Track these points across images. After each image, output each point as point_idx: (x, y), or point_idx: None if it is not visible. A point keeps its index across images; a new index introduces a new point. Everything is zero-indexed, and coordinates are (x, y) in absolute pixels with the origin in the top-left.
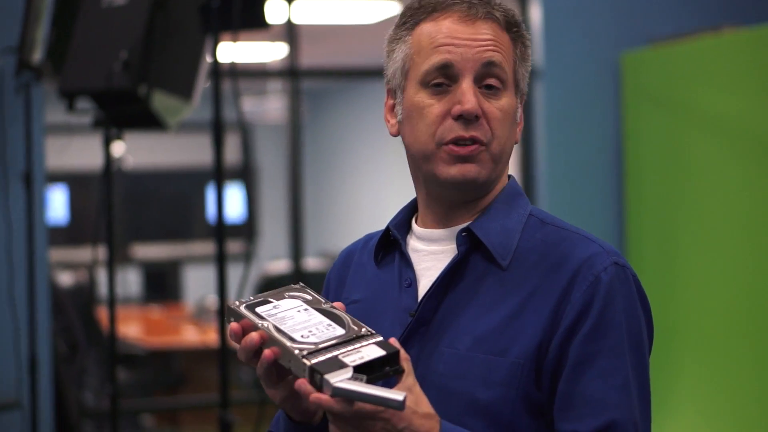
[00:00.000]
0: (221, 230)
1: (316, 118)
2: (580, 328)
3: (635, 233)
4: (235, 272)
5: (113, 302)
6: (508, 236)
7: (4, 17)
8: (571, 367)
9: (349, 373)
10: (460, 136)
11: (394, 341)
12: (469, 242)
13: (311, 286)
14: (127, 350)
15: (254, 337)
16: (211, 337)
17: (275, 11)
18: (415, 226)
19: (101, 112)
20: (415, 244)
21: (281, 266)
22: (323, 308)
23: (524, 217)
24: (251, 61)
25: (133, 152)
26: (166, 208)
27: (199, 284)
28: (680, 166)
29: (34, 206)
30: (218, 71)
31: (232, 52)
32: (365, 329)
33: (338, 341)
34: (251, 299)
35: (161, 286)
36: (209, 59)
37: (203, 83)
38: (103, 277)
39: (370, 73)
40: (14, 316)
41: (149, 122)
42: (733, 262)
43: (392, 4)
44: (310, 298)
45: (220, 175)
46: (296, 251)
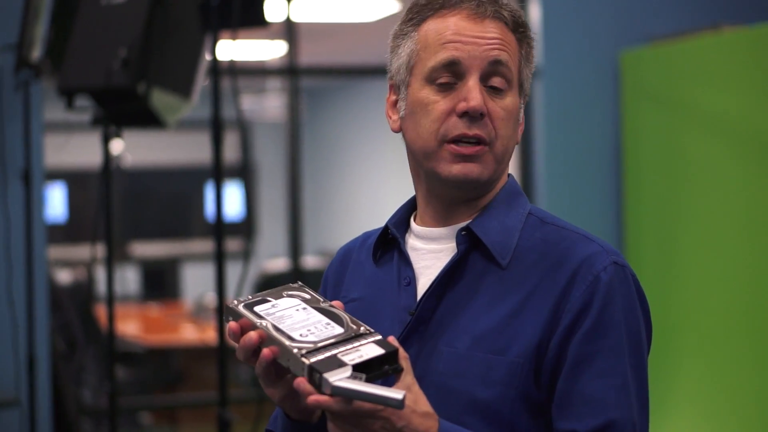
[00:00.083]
0: (220, 228)
1: (315, 116)
2: (579, 327)
3: (634, 232)
4: (233, 270)
5: (112, 300)
6: (507, 235)
7: (3, 14)
8: (570, 366)
9: (348, 371)
10: (463, 133)
11: (392, 340)
12: (468, 241)
13: (310, 284)
14: (125, 348)
15: (253, 336)
16: (209, 335)
17: (274, 9)
18: (413, 224)
19: (100, 109)
20: (413, 242)
21: (280, 264)
22: (322, 307)
23: (523, 216)
24: (250, 59)
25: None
26: (164, 206)
27: (197, 282)
28: (679, 164)
29: (32, 204)
30: (217, 69)
31: (231, 49)
32: (364, 328)
33: (337, 340)
34: (249, 298)
35: (160, 284)
36: (208, 57)
37: (202, 81)
38: (101, 274)
39: (369, 71)
40: (13, 313)
41: (148, 120)
42: (731, 261)
43: (391, 2)
44: (308, 296)
45: (219, 173)
46: (295, 249)
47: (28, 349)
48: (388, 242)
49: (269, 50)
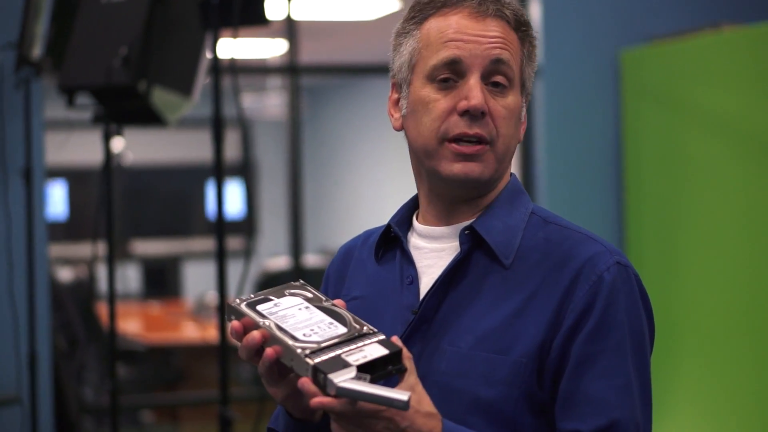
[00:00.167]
0: (221, 226)
1: (315, 114)
2: (582, 327)
3: (635, 231)
4: (234, 269)
5: (113, 298)
6: (510, 235)
7: (3, 13)
8: (573, 366)
9: (352, 372)
10: (464, 132)
11: (396, 340)
12: (471, 240)
13: (311, 282)
14: (126, 346)
15: (256, 335)
16: (210, 333)
17: (275, 7)
18: (416, 223)
19: (101, 107)
20: (416, 241)
21: (281, 263)
22: (324, 306)
23: (526, 215)
24: (251, 57)
25: (132, 148)
26: (165, 204)
27: (198, 280)
28: (680, 163)
29: (33, 202)
30: (218, 67)
31: (231, 48)
32: (367, 327)
33: (340, 340)
34: (252, 297)
35: (161, 282)
36: (209, 55)
37: (203, 79)
38: (102, 273)
39: (369, 69)
40: (14, 312)
41: (149, 118)
42: (732, 260)
43: (392, 0)
44: (311, 295)
45: (219, 171)
46: (296, 248)
47: (29, 347)
48: (390, 241)
49: (270, 48)
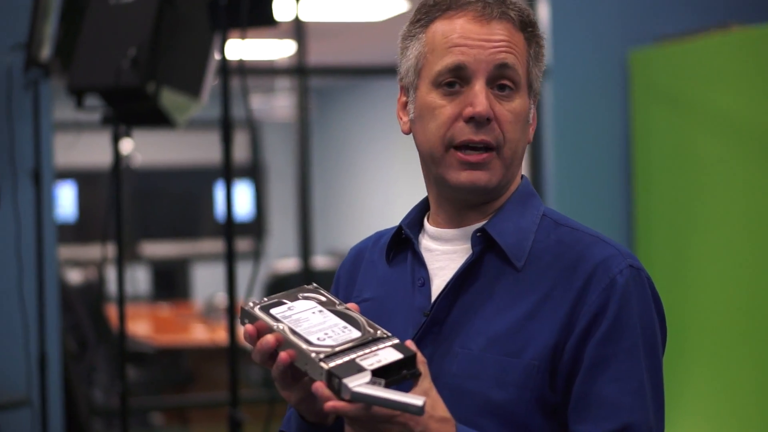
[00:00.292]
0: (230, 228)
1: (324, 115)
2: (595, 330)
3: (644, 232)
4: (243, 270)
5: (122, 300)
6: (522, 237)
7: (12, 14)
8: (586, 369)
9: (367, 377)
10: (469, 139)
11: (410, 344)
12: (483, 242)
13: (320, 284)
14: (136, 348)
15: (270, 339)
16: (220, 335)
17: (283, 8)
18: (427, 225)
19: (110, 109)
20: (427, 243)
21: (290, 264)
22: (338, 310)
23: (538, 217)
24: (259, 58)
25: (141, 149)
26: (174, 205)
27: (207, 282)
28: (688, 164)
29: (42, 203)
30: (227, 69)
31: (240, 49)
32: (381, 331)
33: (355, 344)
34: (265, 300)
35: (170, 284)
36: (217, 56)
37: (212, 81)
38: (112, 274)
39: (378, 70)
40: (23, 313)
41: (158, 119)
42: (742, 261)
43: (400, 1)
44: (324, 299)
45: (228, 172)
46: (305, 249)
47: (39, 349)
48: (401, 242)
49: (278, 50)
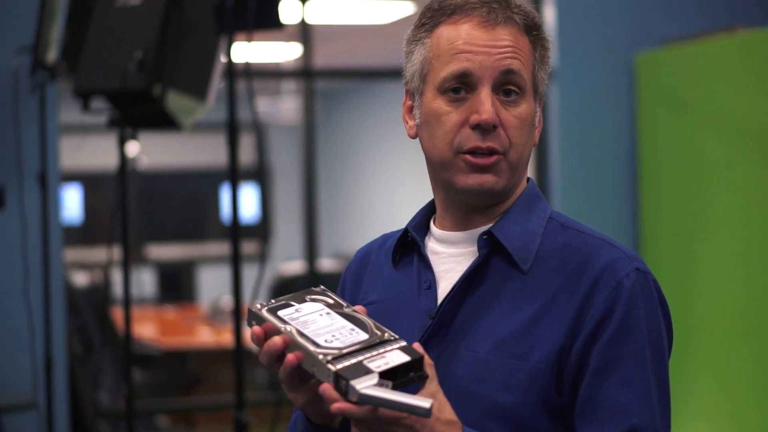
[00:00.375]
0: (236, 231)
1: (330, 118)
2: (601, 333)
3: (650, 234)
4: (249, 273)
5: (128, 302)
6: (528, 240)
7: (19, 17)
8: (592, 372)
9: (374, 379)
10: (477, 146)
11: (418, 346)
12: (490, 245)
13: (326, 287)
14: (142, 351)
15: (277, 341)
16: (225, 337)
17: (289, 11)
18: (433, 227)
19: (116, 111)
20: (434, 246)
21: (296, 267)
22: (345, 312)
23: (544, 220)
24: (265, 61)
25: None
26: (180, 208)
27: (213, 285)
28: (694, 166)
29: (48, 206)
30: (232, 71)
31: (246, 52)
32: (388, 334)
33: (362, 346)
34: (273, 302)
35: (176, 286)
36: (224, 59)
37: (217, 83)
38: (117, 277)
39: (384, 73)
40: (29, 316)
41: (164, 122)
42: (748, 263)
43: (406, 4)
44: (331, 301)
45: (234, 175)
46: (310, 252)
47: (45, 351)
48: (407, 245)
49: (284, 52)
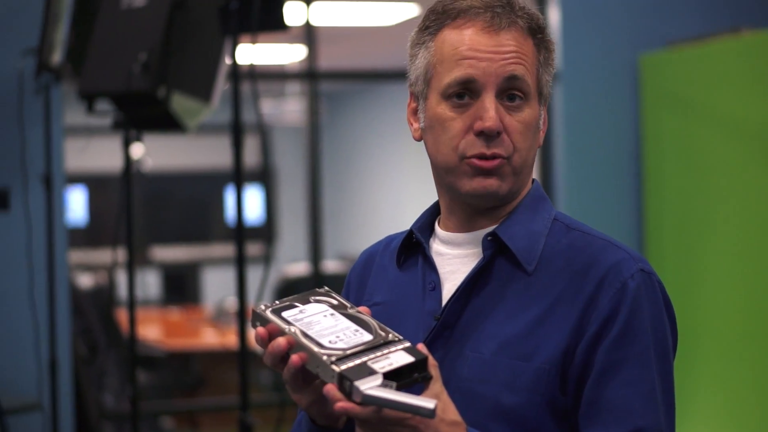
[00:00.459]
0: (241, 232)
1: (334, 120)
2: (606, 334)
3: (654, 235)
4: (254, 275)
5: (133, 304)
6: (533, 241)
7: (23, 19)
8: (597, 373)
9: (378, 380)
10: (481, 153)
11: (422, 347)
12: (494, 246)
13: (331, 288)
14: (146, 352)
15: (281, 342)
16: (230, 339)
17: (294, 13)
18: (438, 229)
19: (120, 113)
20: (438, 247)
21: (300, 269)
22: (349, 313)
23: (549, 221)
24: (270, 63)
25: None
26: (185, 210)
27: (218, 286)
28: (699, 168)
29: (53, 208)
30: (237, 73)
31: (250, 54)
32: (392, 335)
33: (366, 347)
34: (277, 303)
35: (180, 288)
36: (228, 61)
37: (222, 85)
38: (122, 278)
39: (388, 75)
40: (34, 318)
41: (168, 124)
42: (753, 264)
43: (410, 6)
44: (335, 302)
45: (239, 177)
46: (315, 253)
47: (50, 353)
48: (412, 246)
49: (289, 54)
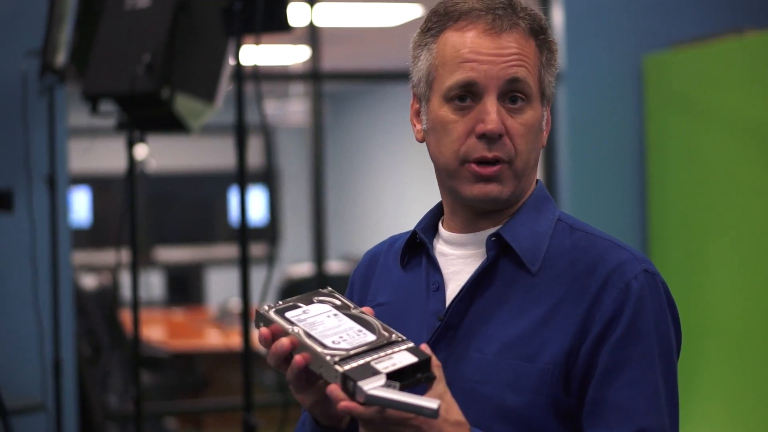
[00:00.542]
0: (244, 233)
1: (338, 120)
2: (610, 335)
3: (658, 236)
4: (257, 275)
5: (137, 305)
6: (537, 241)
7: (27, 20)
8: (600, 374)
9: (382, 380)
10: (483, 156)
11: (425, 347)
12: (498, 247)
13: (334, 288)
14: (150, 353)
15: (285, 342)
16: (234, 340)
17: (298, 14)
18: (442, 229)
19: (124, 114)
20: (442, 247)
21: (304, 269)
22: (353, 313)
23: (553, 222)
24: (274, 63)
25: (156, 155)
26: (188, 211)
27: (222, 287)
28: (703, 169)
29: (57, 209)
30: (241, 74)
31: (254, 54)
32: (396, 335)
33: (369, 347)
34: (280, 304)
35: (184, 289)
36: (232, 62)
37: (226, 86)
38: (126, 279)
39: (391, 75)
40: (38, 318)
41: (172, 125)
42: (756, 265)
43: (414, 6)
44: (339, 303)
45: (243, 178)
46: (319, 254)
47: (53, 354)
48: (415, 247)
49: (292, 55)
